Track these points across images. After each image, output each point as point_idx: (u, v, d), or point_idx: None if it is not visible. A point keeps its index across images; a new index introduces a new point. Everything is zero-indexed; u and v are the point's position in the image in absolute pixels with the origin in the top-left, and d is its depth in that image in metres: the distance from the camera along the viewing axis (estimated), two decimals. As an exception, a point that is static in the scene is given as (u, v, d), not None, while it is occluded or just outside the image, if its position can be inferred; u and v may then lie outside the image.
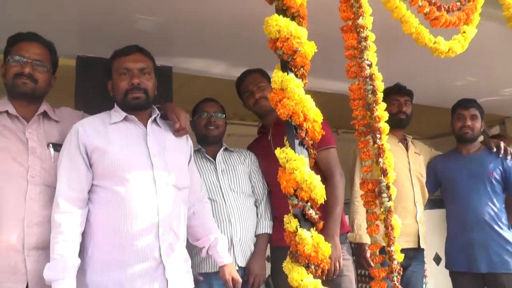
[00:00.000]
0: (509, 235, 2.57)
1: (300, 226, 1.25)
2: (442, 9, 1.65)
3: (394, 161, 2.51)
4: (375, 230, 1.33)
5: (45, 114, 1.71)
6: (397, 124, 2.61)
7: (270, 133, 2.29)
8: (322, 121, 1.30)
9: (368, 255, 2.33)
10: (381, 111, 1.31)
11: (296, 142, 1.29)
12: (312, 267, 1.23)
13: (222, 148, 2.31)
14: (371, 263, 2.29)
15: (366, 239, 2.34)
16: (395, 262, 1.26)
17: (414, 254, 2.51)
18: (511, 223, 2.65)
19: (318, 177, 1.26)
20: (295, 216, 1.27)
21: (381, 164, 1.29)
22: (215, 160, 2.25)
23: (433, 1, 1.62)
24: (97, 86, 2.24)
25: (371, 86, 1.30)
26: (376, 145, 1.29)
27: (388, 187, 1.29)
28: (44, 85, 1.69)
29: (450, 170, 2.68)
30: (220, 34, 2.45)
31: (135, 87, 1.70)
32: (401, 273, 1.29)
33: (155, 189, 1.61)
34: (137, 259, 1.56)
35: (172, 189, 1.68)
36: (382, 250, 2.11)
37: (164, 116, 1.87)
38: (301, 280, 1.20)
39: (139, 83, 1.71)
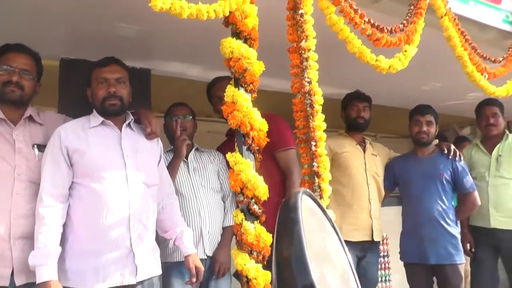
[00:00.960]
0: (455, 230, 2.83)
1: (245, 219, 1.48)
2: (385, 30, 1.86)
3: (351, 162, 2.77)
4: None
5: (30, 118, 1.90)
6: (356, 127, 2.86)
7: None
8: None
9: None
10: (318, 122, 1.52)
11: (244, 148, 1.50)
12: (255, 253, 1.46)
13: (194, 148, 2.53)
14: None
15: None
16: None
17: (369, 246, 2.75)
18: (458, 219, 2.91)
19: (261, 178, 1.48)
20: (242, 210, 1.49)
21: (315, 167, 1.50)
22: (187, 159, 2.47)
23: (376, 24, 1.82)
24: (79, 87, 2.42)
25: (309, 101, 1.51)
26: (311, 151, 1.50)
27: (320, 187, 1.50)
28: (30, 92, 1.88)
29: (406, 170, 2.90)
30: (195, 40, 2.63)
31: (111, 95, 1.89)
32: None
33: (127, 186, 1.81)
34: (111, 248, 1.76)
35: (142, 186, 1.88)
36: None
37: (138, 121, 2.06)
38: (245, 264, 1.42)
39: (115, 91, 1.90)
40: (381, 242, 3.57)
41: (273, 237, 1.25)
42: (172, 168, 2.30)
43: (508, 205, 3.07)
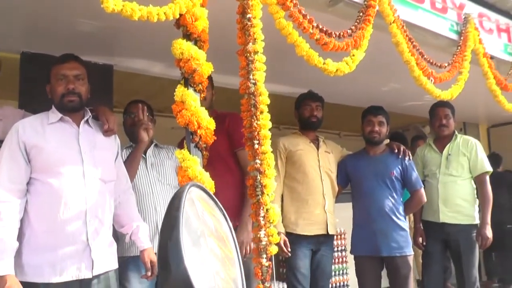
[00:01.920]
0: (405, 224, 2.99)
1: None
2: (333, 35, 1.95)
3: (305, 159, 2.88)
4: (253, 217, 1.64)
5: None
6: (309, 126, 2.97)
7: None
8: (214, 128, 1.58)
9: (281, 242, 2.65)
10: (262, 121, 1.60)
11: (192, 145, 1.57)
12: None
13: (153, 145, 2.58)
14: (284, 248, 2.64)
15: (280, 228, 2.67)
16: (263, 243, 1.57)
17: (323, 240, 2.88)
18: (406, 214, 3.07)
19: (207, 174, 1.55)
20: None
21: (257, 165, 1.59)
22: (145, 155, 2.52)
23: (324, 29, 1.92)
24: (41, 82, 2.44)
25: (254, 101, 1.60)
26: (254, 149, 1.58)
27: (261, 183, 1.58)
28: None
29: (358, 168, 3.04)
30: (158, 37, 2.67)
31: (70, 92, 1.93)
32: (271, 253, 1.61)
33: (84, 182, 1.85)
34: (68, 242, 1.80)
35: (99, 182, 1.92)
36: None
37: (96, 117, 2.10)
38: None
39: (74, 88, 1.94)
40: (338, 237, 3.72)
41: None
42: (133, 155, 2.35)
43: (456, 201, 3.26)
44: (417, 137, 5.00)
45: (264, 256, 1.56)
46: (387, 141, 3.15)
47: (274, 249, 1.60)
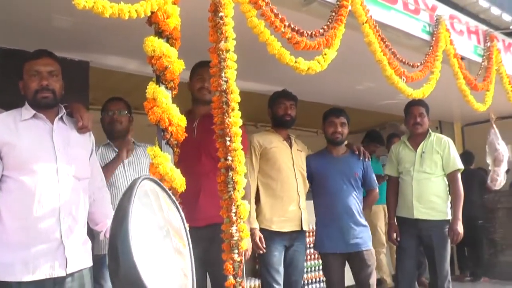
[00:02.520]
0: (365, 221, 3.11)
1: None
2: (305, 34, 1.99)
3: (279, 156, 2.92)
4: (225, 213, 1.66)
5: None
6: (282, 124, 3.01)
7: (197, 121, 2.49)
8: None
9: (257, 238, 2.68)
10: (233, 119, 1.62)
11: (163, 142, 1.59)
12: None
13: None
14: (260, 244, 2.67)
15: (255, 224, 2.70)
16: (235, 239, 1.60)
17: (297, 236, 2.93)
18: (364, 211, 3.18)
19: (178, 171, 1.57)
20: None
21: (229, 161, 1.61)
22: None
23: (296, 28, 1.95)
24: (15, 77, 2.40)
25: (226, 99, 1.62)
26: (226, 146, 1.60)
27: (233, 179, 1.61)
28: None
29: (322, 168, 3.11)
30: (133, 34, 2.66)
31: (44, 88, 1.90)
32: (242, 248, 1.64)
33: (58, 179, 1.83)
34: (41, 240, 1.77)
35: (73, 179, 1.90)
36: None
37: (70, 114, 2.07)
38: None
39: (48, 84, 1.91)
40: (312, 233, 3.77)
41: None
42: (110, 166, 2.38)
43: (429, 197, 3.34)
44: (393, 135, 5.10)
45: (236, 251, 1.58)
46: (346, 142, 3.25)
47: (244, 245, 1.62)
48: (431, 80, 2.94)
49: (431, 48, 2.94)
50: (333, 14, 2.22)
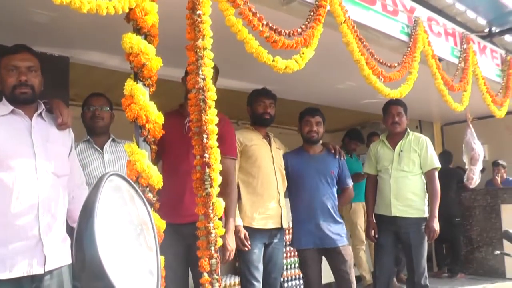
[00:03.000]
0: (340, 218, 3.18)
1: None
2: (283, 33, 2.01)
3: (259, 154, 2.94)
4: (201, 210, 1.68)
5: None
6: (261, 122, 3.03)
7: (189, 118, 2.49)
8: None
9: (242, 235, 2.70)
10: (210, 116, 1.64)
11: (141, 139, 1.59)
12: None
13: (110, 139, 2.57)
14: (245, 241, 2.70)
15: (238, 221, 2.73)
16: (212, 235, 1.62)
17: (276, 233, 2.96)
18: (339, 209, 3.25)
19: (156, 168, 1.58)
20: (137, 198, 1.58)
21: (206, 158, 1.62)
22: (102, 150, 2.51)
23: (274, 27, 1.97)
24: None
25: (203, 96, 1.63)
26: (203, 143, 1.62)
27: (210, 176, 1.63)
28: None
29: (299, 166, 3.15)
30: (113, 30, 2.65)
31: (22, 83, 1.88)
32: (218, 245, 1.66)
33: (36, 176, 1.82)
34: (19, 237, 1.76)
35: (52, 176, 1.89)
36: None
37: (50, 110, 2.05)
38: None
39: (26, 80, 1.89)
40: (288, 231, 3.81)
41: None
42: None
43: (406, 195, 3.40)
44: (373, 133, 5.18)
45: (212, 248, 1.60)
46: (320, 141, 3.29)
47: (220, 241, 1.64)
48: (409, 80, 3.00)
49: (409, 49, 3.00)
50: (312, 13, 2.25)
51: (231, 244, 2.41)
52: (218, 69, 2.63)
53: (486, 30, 3.98)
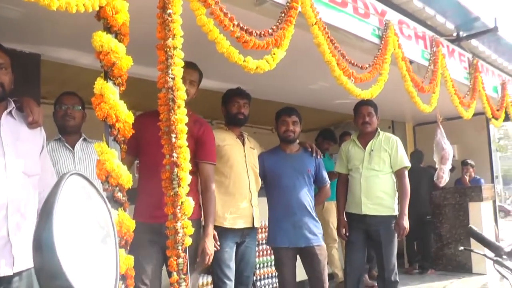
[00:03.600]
0: (317, 217, 3.22)
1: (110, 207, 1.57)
2: (254, 34, 2.04)
3: (232, 153, 2.96)
4: (170, 209, 1.69)
5: None
6: (235, 122, 3.05)
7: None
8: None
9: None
10: (179, 116, 1.65)
11: (110, 138, 1.59)
12: (118, 239, 1.55)
13: (81, 139, 2.55)
14: (214, 242, 2.71)
15: (219, 222, 2.75)
16: (180, 235, 1.63)
17: (248, 232, 2.98)
18: (316, 207, 3.29)
19: (125, 167, 1.58)
20: (107, 198, 1.57)
21: (174, 158, 1.64)
22: (73, 149, 2.49)
23: (245, 28, 2.00)
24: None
25: (172, 96, 1.64)
26: (172, 143, 1.63)
27: (178, 176, 1.64)
28: None
29: (276, 164, 3.18)
30: (85, 28, 2.62)
31: None
32: (186, 245, 1.67)
33: (6, 175, 1.78)
34: None
35: (22, 176, 1.85)
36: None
37: (21, 109, 2.01)
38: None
39: None
40: (264, 230, 3.84)
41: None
42: None
43: (376, 193, 3.48)
44: (345, 133, 5.27)
45: (179, 247, 1.61)
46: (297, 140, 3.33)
47: (188, 241, 1.65)
48: (380, 81, 3.06)
49: (380, 51, 3.06)
50: (283, 14, 2.27)
51: (210, 248, 2.44)
52: (201, 72, 2.66)
53: (454, 34, 4.11)
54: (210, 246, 2.44)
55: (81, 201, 0.73)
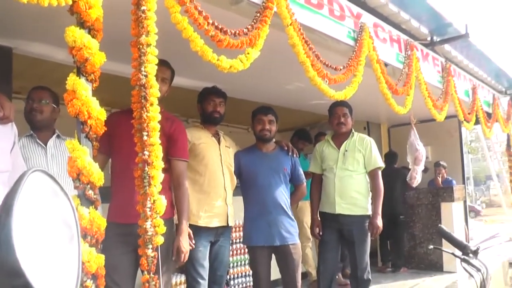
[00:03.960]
0: (293, 215, 3.25)
1: (81, 204, 1.55)
2: (229, 33, 2.05)
3: (207, 152, 2.96)
4: (141, 208, 1.69)
5: None
6: (211, 121, 3.05)
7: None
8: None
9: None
10: (152, 113, 1.65)
11: (82, 135, 1.58)
12: (88, 237, 1.54)
13: (55, 135, 2.51)
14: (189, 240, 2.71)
15: (193, 221, 2.75)
16: (149, 233, 1.63)
17: (222, 231, 2.98)
18: (292, 206, 3.33)
19: (97, 165, 1.57)
20: (78, 196, 1.56)
21: (146, 156, 1.63)
22: (46, 146, 2.45)
23: (220, 27, 2.01)
24: None
25: (144, 93, 1.64)
26: (143, 141, 1.63)
27: (149, 174, 1.64)
28: None
29: (252, 163, 3.20)
30: (59, 22, 2.57)
31: None
32: (155, 244, 1.67)
33: None
34: None
35: None
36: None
37: None
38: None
39: None
40: (238, 229, 3.85)
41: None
42: None
43: (351, 193, 3.53)
44: (320, 133, 5.33)
45: (150, 246, 1.61)
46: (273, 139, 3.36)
47: (160, 240, 1.65)
48: (354, 83, 3.11)
49: (355, 52, 3.11)
50: (258, 14, 2.29)
51: (185, 246, 2.42)
52: (174, 70, 2.65)
53: (428, 38, 4.21)
54: (185, 244, 2.43)
55: (46, 199, 0.72)
